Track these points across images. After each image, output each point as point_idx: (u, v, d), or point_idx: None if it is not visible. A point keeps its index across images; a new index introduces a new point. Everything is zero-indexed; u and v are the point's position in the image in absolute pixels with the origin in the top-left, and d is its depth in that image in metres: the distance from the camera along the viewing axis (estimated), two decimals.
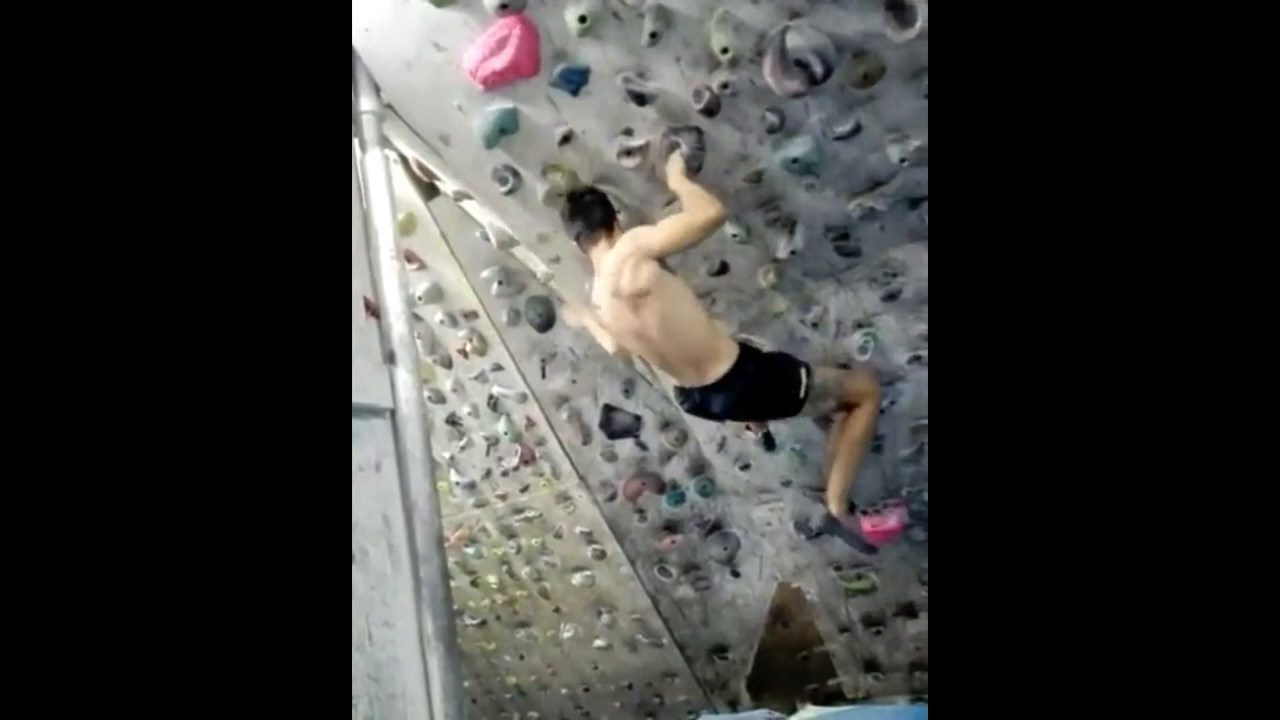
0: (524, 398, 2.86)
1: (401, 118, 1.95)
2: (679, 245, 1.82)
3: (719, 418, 2.24)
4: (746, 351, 1.98)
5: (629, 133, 1.91)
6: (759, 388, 1.98)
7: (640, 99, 1.82)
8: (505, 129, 1.91)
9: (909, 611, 2.86)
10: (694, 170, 1.90)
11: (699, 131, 1.86)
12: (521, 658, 4.08)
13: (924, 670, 2.98)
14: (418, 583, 1.55)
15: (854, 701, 3.18)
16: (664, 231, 1.81)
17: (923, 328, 2.14)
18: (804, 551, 2.90)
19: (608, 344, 2.19)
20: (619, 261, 1.86)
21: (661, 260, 1.86)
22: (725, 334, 2.02)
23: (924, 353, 2.19)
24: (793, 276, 2.18)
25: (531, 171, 2.01)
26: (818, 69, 1.67)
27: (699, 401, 2.06)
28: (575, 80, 1.82)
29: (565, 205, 1.94)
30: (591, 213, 1.93)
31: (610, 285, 1.89)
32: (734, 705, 3.48)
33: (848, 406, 2.10)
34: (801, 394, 1.96)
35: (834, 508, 2.14)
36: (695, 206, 1.76)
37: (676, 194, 1.85)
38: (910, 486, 2.46)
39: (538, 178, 2.01)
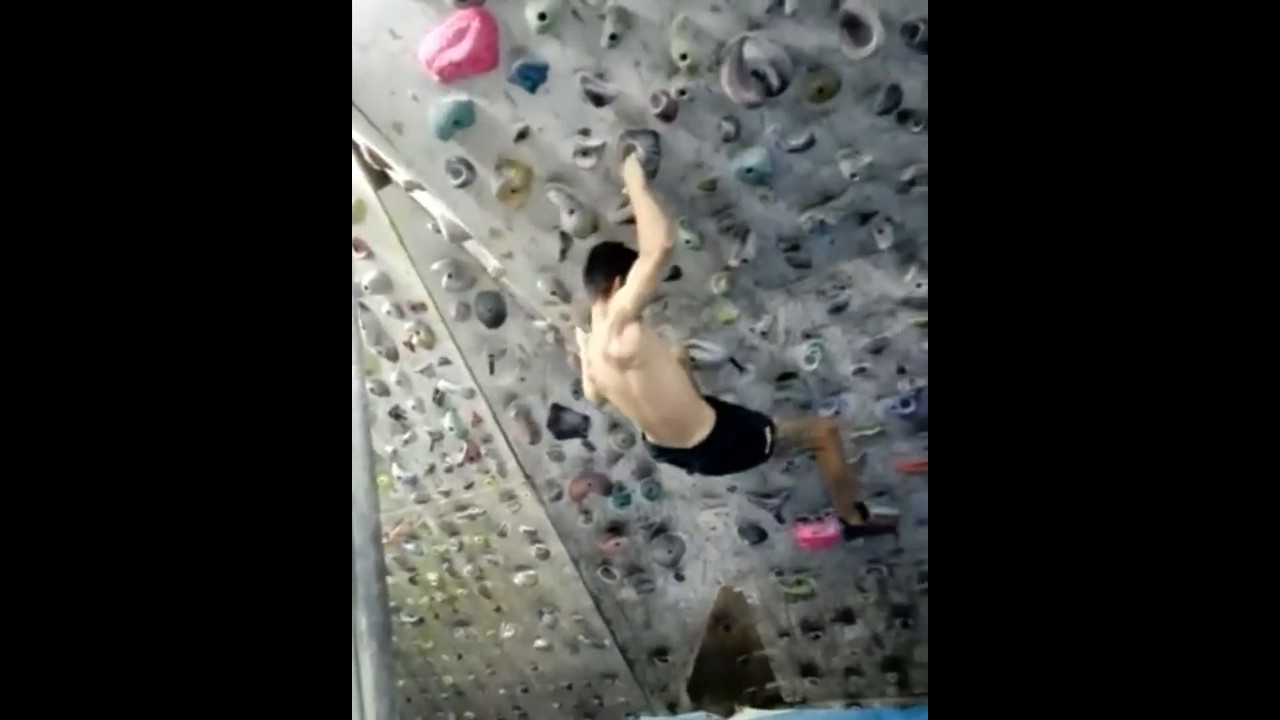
0: (471, 393, 2.82)
1: (353, 103, 1.90)
2: (647, 292, 1.85)
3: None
4: (722, 415, 2.06)
5: (586, 133, 1.90)
6: (734, 449, 2.09)
7: (598, 100, 1.81)
8: (460, 121, 1.88)
9: (846, 617, 2.92)
10: (650, 174, 1.90)
11: (656, 136, 1.86)
12: (460, 657, 4.02)
13: (859, 675, 3.04)
14: (353, 578, 1.52)
15: (791, 705, 3.23)
16: (632, 288, 1.83)
17: (867, 340, 2.19)
18: (747, 556, 2.93)
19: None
20: (607, 327, 1.89)
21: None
22: (703, 400, 2.08)
23: (868, 365, 2.24)
24: (744, 285, 2.20)
25: (485, 166, 1.99)
26: (774, 81, 1.69)
27: (675, 459, 2.14)
28: (533, 77, 1.80)
29: (586, 260, 2.03)
30: (596, 271, 1.98)
31: (601, 347, 1.94)
32: (673, 708, 3.50)
33: (814, 449, 2.25)
34: (768, 450, 2.08)
35: (851, 521, 2.35)
36: (648, 240, 1.77)
37: (631, 202, 1.85)
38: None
39: (492, 172, 1.99)
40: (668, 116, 1.80)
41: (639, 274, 1.81)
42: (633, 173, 1.84)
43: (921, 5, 1.56)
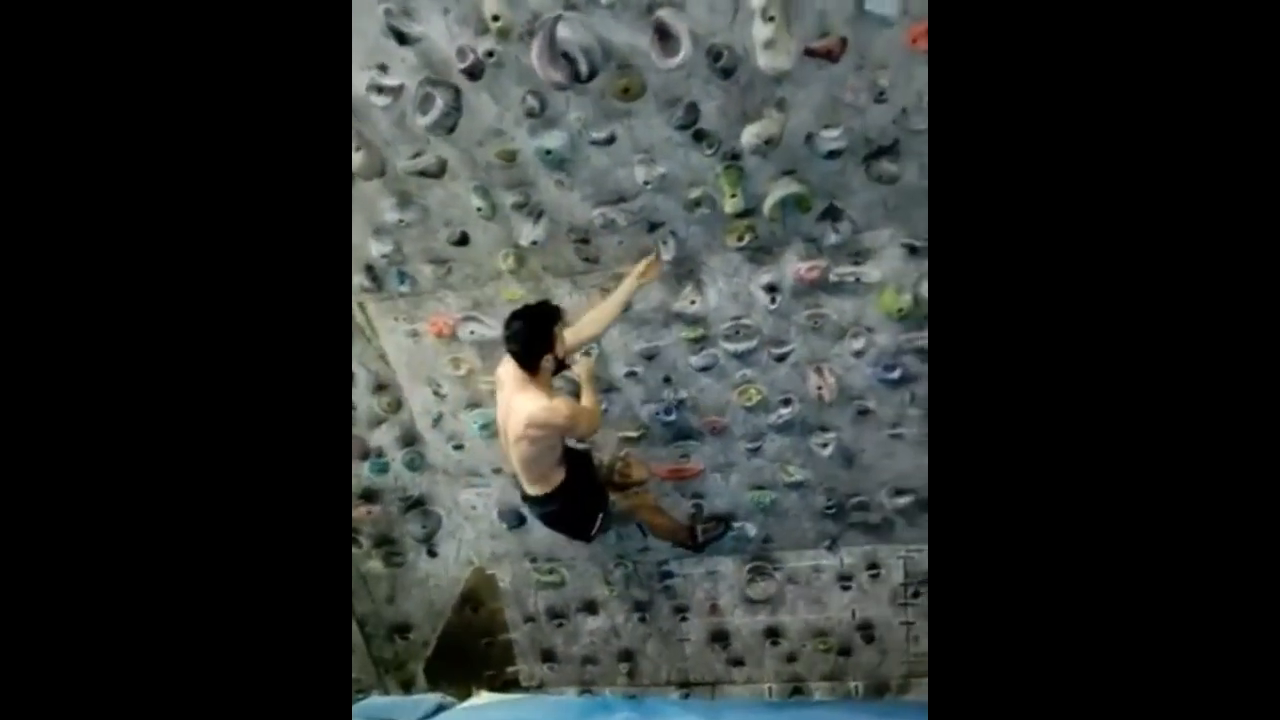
0: None
1: None
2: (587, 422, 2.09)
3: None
4: (569, 482, 2.17)
5: (384, 69, 1.76)
6: (572, 511, 2.24)
7: (401, 37, 1.69)
8: None
9: (590, 608, 2.99)
10: (447, 130, 1.81)
11: (457, 91, 1.77)
12: None
13: (595, 664, 3.14)
14: None
15: (528, 690, 3.26)
16: (578, 412, 2.03)
17: (641, 345, 2.25)
18: (503, 540, 2.91)
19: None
20: (549, 409, 1.95)
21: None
22: (562, 465, 2.18)
23: (639, 370, 2.30)
24: (532, 267, 2.17)
25: None
26: (583, 67, 1.67)
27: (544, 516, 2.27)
28: None
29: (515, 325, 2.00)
30: (518, 348, 1.97)
31: (527, 404, 1.97)
32: (407, 687, 3.38)
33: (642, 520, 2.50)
34: (594, 530, 2.28)
35: (689, 545, 2.60)
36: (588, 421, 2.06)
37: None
38: None
39: None
40: (473, 75, 1.72)
41: (585, 409, 2.05)
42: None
43: (729, 32, 1.62)
